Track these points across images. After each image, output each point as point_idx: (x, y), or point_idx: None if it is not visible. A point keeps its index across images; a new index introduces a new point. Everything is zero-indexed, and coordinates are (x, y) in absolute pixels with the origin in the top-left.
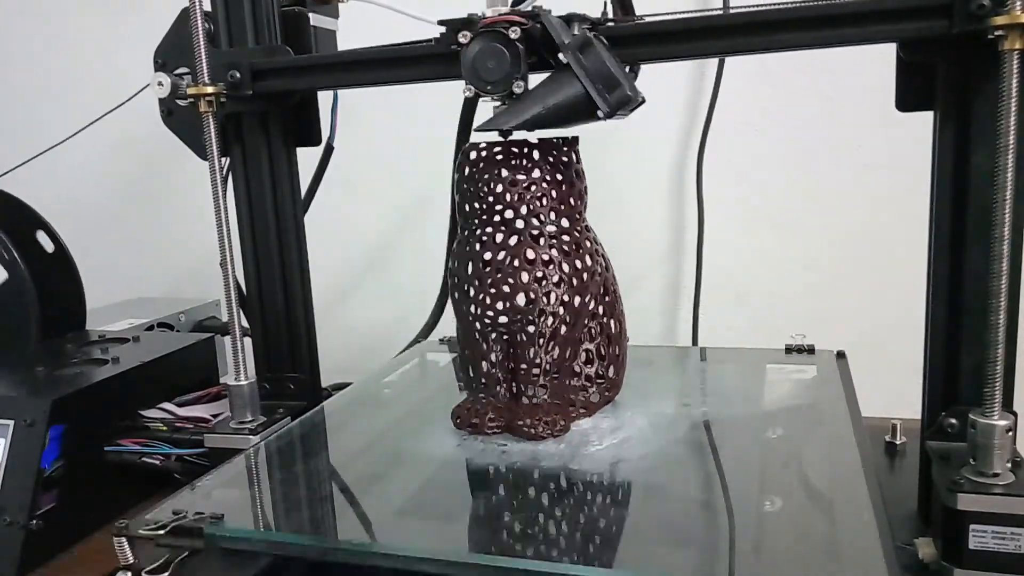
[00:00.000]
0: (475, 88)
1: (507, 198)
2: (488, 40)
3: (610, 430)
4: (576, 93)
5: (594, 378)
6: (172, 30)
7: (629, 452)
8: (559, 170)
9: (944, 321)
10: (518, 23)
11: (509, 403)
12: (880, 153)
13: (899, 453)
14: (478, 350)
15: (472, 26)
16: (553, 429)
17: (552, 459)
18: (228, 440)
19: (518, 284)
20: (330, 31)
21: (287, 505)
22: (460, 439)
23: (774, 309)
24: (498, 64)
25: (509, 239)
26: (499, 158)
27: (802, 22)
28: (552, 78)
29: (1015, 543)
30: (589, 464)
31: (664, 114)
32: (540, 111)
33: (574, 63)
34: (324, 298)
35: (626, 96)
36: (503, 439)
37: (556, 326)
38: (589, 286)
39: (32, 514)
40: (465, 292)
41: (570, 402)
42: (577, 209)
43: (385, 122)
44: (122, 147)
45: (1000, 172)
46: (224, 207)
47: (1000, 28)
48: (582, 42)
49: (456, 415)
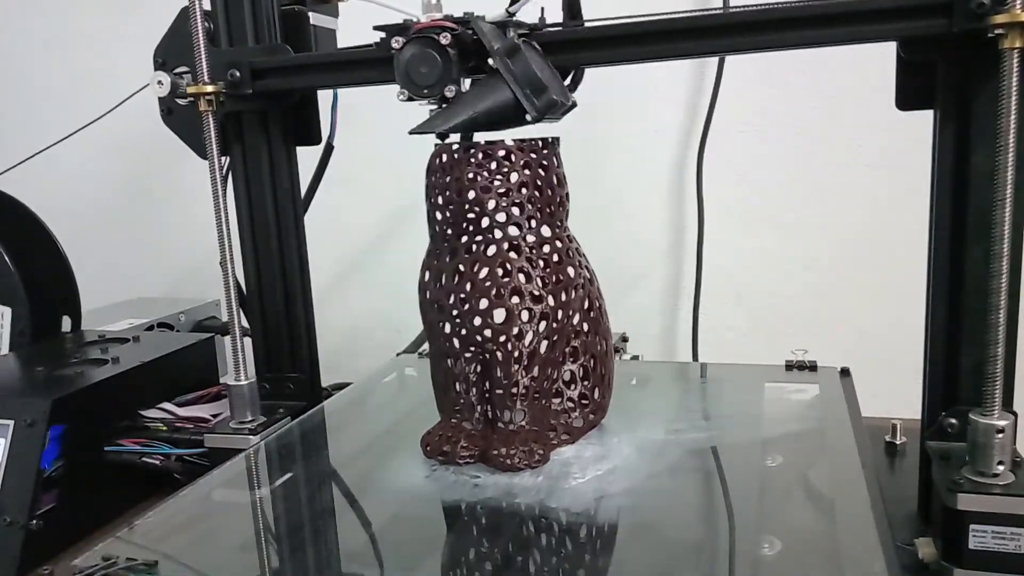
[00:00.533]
0: (409, 92)
1: (481, 205)
2: (420, 45)
3: (594, 459)
4: (505, 97)
5: (577, 401)
6: (172, 29)
7: (614, 485)
8: (538, 174)
9: (944, 321)
10: (449, 28)
11: (484, 430)
12: (880, 153)
13: (899, 453)
14: (451, 371)
15: (405, 31)
16: (531, 460)
17: (528, 494)
18: (228, 440)
19: (494, 299)
20: (330, 30)
21: (230, 549)
22: (430, 469)
23: (774, 309)
24: (430, 69)
25: (484, 249)
26: (472, 160)
27: (803, 21)
28: (483, 83)
29: (1015, 543)
30: (569, 500)
31: (664, 114)
32: (472, 114)
33: (502, 68)
34: (324, 297)
35: (552, 101)
36: (476, 470)
37: (536, 345)
38: (572, 301)
39: (32, 514)
40: (437, 308)
41: (551, 427)
42: (558, 216)
43: (385, 121)
44: (122, 147)
45: (1000, 171)
46: (224, 206)
47: (1000, 26)
48: (510, 47)
49: (426, 443)
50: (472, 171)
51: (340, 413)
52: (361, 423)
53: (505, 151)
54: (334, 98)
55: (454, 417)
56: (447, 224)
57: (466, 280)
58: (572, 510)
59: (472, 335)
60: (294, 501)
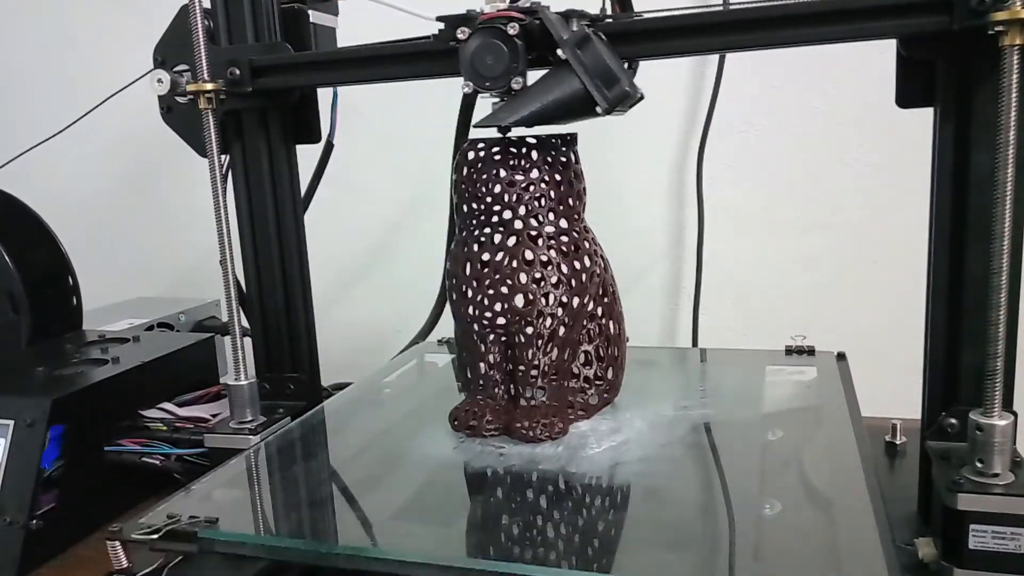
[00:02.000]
0: (473, 84)
1: (505, 199)
2: (486, 36)
3: (608, 432)
4: (575, 89)
5: (592, 380)
6: (171, 27)
7: (627, 455)
8: (558, 170)
9: (944, 321)
10: (516, 19)
11: (507, 405)
12: (880, 153)
13: (899, 453)
14: (476, 352)
15: (470, 22)
16: (551, 431)
17: (550, 462)
18: (228, 440)
19: (516, 285)
20: (330, 28)
21: (282, 508)
22: (458, 441)
23: (774, 309)
24: (496, 60)
25: (507, 240)
26: (497, 158)
27: (803, 18)
28: (551, 74)
29: (1015, 543)
30: (587, 467)
31: (664, 114)
32: (539, 107)
33: (572, 59)
34: (324, 297)
35: (624, 92)
36: (501, 441)
37: (554, 328)
38: (588, 287)
39: (32, 514)
40: (463, 293)
41: (568, 404)
42: (576, 210)
43: (385, 120)
44: (122, 147)
45: (1000, 168)
46: (224, 205)
47: (1000, 24)
48: (580, 38)
49: (454, 417)
50: (497, 168)
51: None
52: (383, 410)
53: (528, 148)
54: (334, 97)
55: (479, 394)
56: (473, 216)
57: (491, 268)
58: (590, 475)
59: (496, 319)
60: (337, 470)
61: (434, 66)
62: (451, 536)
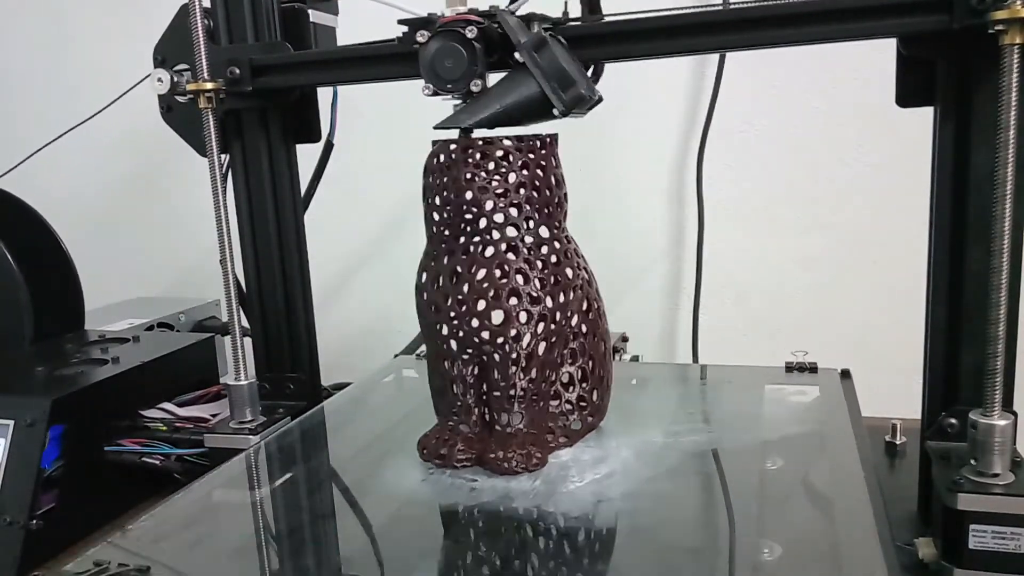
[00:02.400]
0: (434, 87)
1: (479, 205)
2: (446, 39)
3: (592, 463)
4: (532, 92)
5: (576, 403)
6: (172, 27)
7: (612, 489)
8: (536, 175)
9: (944, 321)
10: (475, 22)
11: (481, 432)
12: (880, 153)
13: (899, 453)
14: (448, 374)
15: (431, 25)
16: (528, 463)
17: (526, 498)
18: (228, 440)
19: (492, 301)
20: (330, 27)
21: (222, 554)
22: (427, 472)
23: (774, 309)
24: (456, 63)
25: (483, 250)
26: (469, 160)
27: (802, 17)
28: (509, 77)
29: (1015, 543)
30: (567, 504)
31: (664, 114)
32: (497, 109)
33: (529, 62)
34: (324, 297)
35: (580, 95)
36: (473, 473)
37: (533, 346)
38: (570, 302)
39: (32, 514)
40: (434, 310)
41: (548, 430)
42: (556, 217)
43: (385, 120)
44: (122, 147)
45: (1000, 167)
46: (224, 204)
47: (1000, 23)
48: (537, 41)
49: (422, 445)
50: (470, 171)
51: (339, 414)
52: (358, 425)
53: (503, 151)
54: (334, 96)
55: (451, 420)
56: (444, 225)
57: (463, 281)
58: (570, 515)
59: (469, 337)
60: (291, 503)
61: (402, 69)
62: None
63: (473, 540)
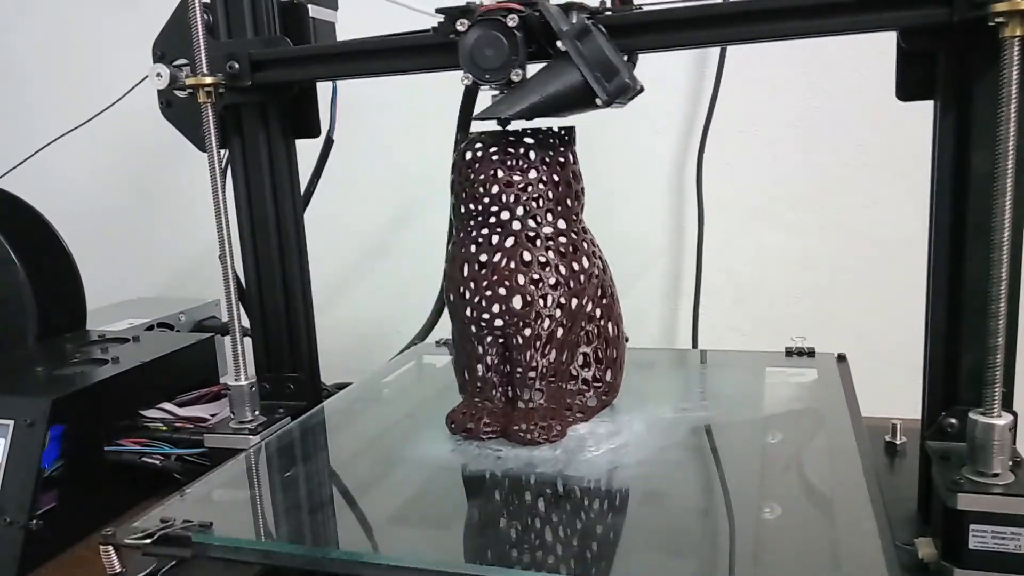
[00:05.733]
0: (473, 76)
1: (503, 199)
2: (486, 28)
3: (607, 435)
4: (574, 81)
5: (591, 382)
6: (171, 21)
7: (626, 458)
8: (556, 170)
9: (944, 321)
10: (516, 11)
11: (505, 408)
12: (880, 153)
13: (899, 453)
14: (474, 354)
15: (470, 14)
16: (549, 434)
17: (548, 465)
18: (228, 440)
19: (514, 287)
20: (329, 23)
21: (278, 512)
22: (455, 444)
23: (774, 309)
24: (496, 52)
25: (505, 241)
26: (495, 158)
27: (803, 10)
28: (550, 66)
29: (1015, 543)
30: (585, 470)
31: (664, 114)
32: (539, 99)
33: (572, 51)
34: (324, 297)
35: (624, 84)
36: (498, 444)
37: (553, 329)
38: (586, 288)
39: (32, 514)
40: (460, 295)
41: (566, 406)
42: (574, 210)
43: (385, 116)
44: (122, 147)
45: (1000, 160)
46: (223, 200)
47: (1000, 15)
48: (580, 30)
49: (451, 420)
50: (495, 168)
51: (361, 401)
52: (383, 406)
53: (526, 148)
54: (333, 91)
55: (476, 396)
56: (471, 216)
57: (488, 269)
58: (588, 478)
59: (493, 320)
60: (334, 473)
61: (434, 59)
62: (448, 540)
63: (500, 502)
